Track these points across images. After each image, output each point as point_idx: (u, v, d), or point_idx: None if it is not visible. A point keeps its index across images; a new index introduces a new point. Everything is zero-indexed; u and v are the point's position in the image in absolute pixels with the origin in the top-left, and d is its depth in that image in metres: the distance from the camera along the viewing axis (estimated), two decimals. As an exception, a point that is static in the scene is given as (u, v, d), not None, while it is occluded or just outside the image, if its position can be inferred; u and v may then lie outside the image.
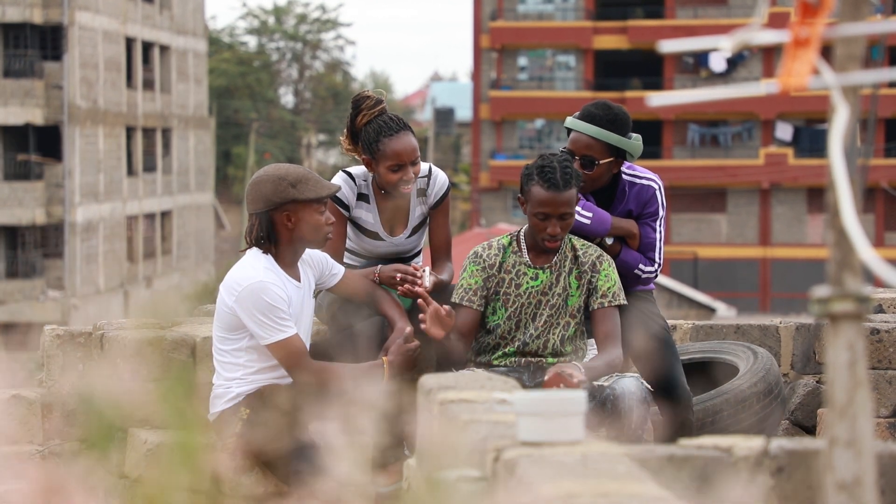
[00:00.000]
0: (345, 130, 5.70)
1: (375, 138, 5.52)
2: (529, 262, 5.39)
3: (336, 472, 5.22)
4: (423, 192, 5.74)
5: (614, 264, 5.43)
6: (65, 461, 5.82)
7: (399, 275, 5.46)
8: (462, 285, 5.41)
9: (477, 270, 5.40)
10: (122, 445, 5.66)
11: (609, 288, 5.35)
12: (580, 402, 3.25)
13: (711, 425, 5.80)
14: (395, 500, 5.22)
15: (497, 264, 5.40)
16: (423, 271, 5.46)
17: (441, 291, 5.60)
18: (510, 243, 5.45)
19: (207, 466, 4.78)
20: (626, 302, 5.40)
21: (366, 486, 5.38)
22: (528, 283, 5.38)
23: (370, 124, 5.55)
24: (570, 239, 5.42)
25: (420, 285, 5.44)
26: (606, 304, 5.35)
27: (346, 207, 5.66)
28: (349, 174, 5.68)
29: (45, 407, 5.90)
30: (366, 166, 5.63)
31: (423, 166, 5.69)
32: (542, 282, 5.37)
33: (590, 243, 5.46)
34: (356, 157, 5.66)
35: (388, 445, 5.42)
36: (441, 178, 5.76)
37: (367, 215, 5.70)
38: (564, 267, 5.38)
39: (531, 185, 5.25)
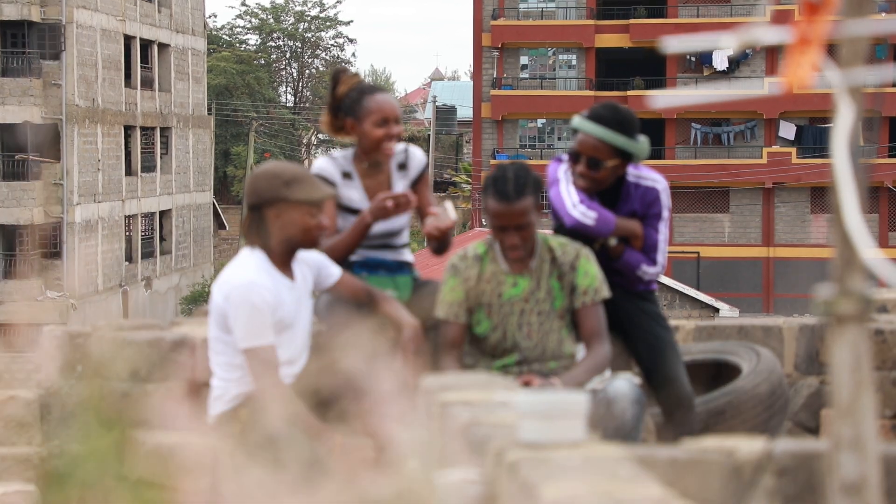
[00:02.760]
0: (324, 108, 5.78)
1: (358, 98, 5.64)
2: (507, 270, 5.34)
3: (337, 470, 5.21)
4: (403, 167, 5.79)
5: (593, 257, 5.37)
6: (64, 462, 5.81)
7: (389, 201, 5.49)
8: (446, 300, 5.36)
9: (458, 283, 5.34)
10: (120, 446, 5.65)
11: (589, 284, 5.29)
12: (582, 403, 3.23)
13: (714, 426, 5.79)
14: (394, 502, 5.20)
15: (475, 276, 5.34)
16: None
17: (434, 291, 5.60)
18: (486, 251, 5.38)
19: (208, 467, 4.77)
20: (608, 294, 5.34)
21: (367, 485, 5.37)
22: (508, 291, 5.32)
23: (352, 90, 5.68)
24: (547, 240, 5.36)
25: (445, 224, 5.51)
26: (589, 302, 5.29)
27: (333, 186, 5.72)
28: (329, 156, 5.80)
29: (43, 408, 5.89)
30: (350, 131, 5.69)
31: (399, 145, 5.77)
32: (522, 288, 5.32)
33: (567, 241, 5.39)
34: (335, 135, 5.76)
35: (388, 445, 5.40)
36: (418, 151, 5.88)
37: (353, 192, 5.73)
38: (544, 270, 5.32)
39: (487, 198, 5.20)
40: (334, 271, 5.47)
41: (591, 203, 5.57)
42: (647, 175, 5.67)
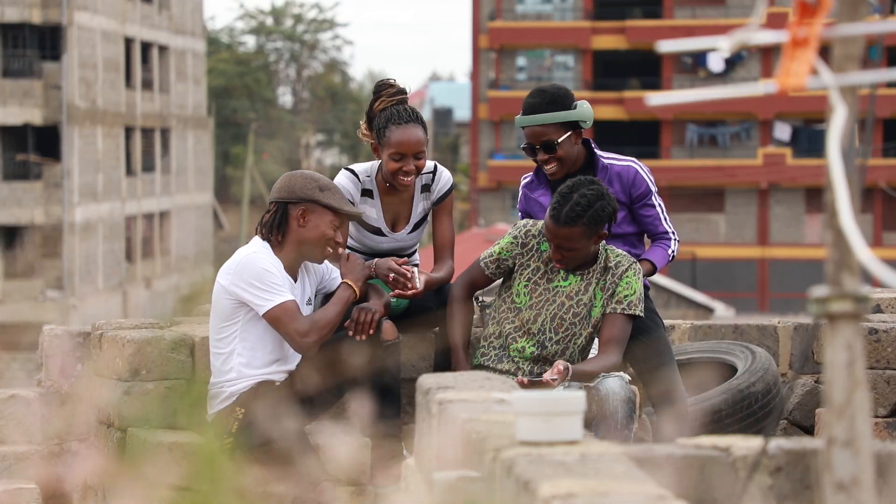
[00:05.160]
0: (365, 115, 5.75)
1: (385, 125, 5.57)
2: None
3: (334, 471, 5.23)
4: (426, 188, 5.77)
5: (640, 275, 5.39)
6: (63, 461, 5.83)
7: (392, 275, 5.47)
8: (493, 249, 5.46)
9: (512, 245, 5.41)
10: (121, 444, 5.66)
11: (626, 296, 5.30)
12: (579, 401, 3.26)
13: (710, 425, 5.81)
14: (393, 501, 5.23)
15: (534, 247, 5.39)
16: (413, 272, 5.48)
17: (437, 290, 5.61)
18: None
19: (206, 467, 4.78)
20: (641, 314, 5.36)
21: (364, 484, 5.39)
22: (559, 281, 5.37)
23: (384, 111, 5.61)
24: (607, 249, 5.40)
25: (412, 287, 5.46)
26: (619, 311, 5.30)
27: (351, 204, 5.68)
28: (352, 171, 5.72)
29: (44, 407, 5.90)
30: (373, 151, 5.68)
31: (429, 164, 5.72)
32: (570, 284, 5.36)
33: (624, 254, 5.42)
34: (370, 141, 5.71)
35: (386, 445, 5.42)
36: (445, 175, 5.80)
37: (371, 210, 5.73)
38: (594, 277, 5.36)
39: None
40: (336, 273, 5.52)
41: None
42: (621, 158, 5.72)
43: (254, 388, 5.22)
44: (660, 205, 5.72)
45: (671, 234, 5.75)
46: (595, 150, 5.68)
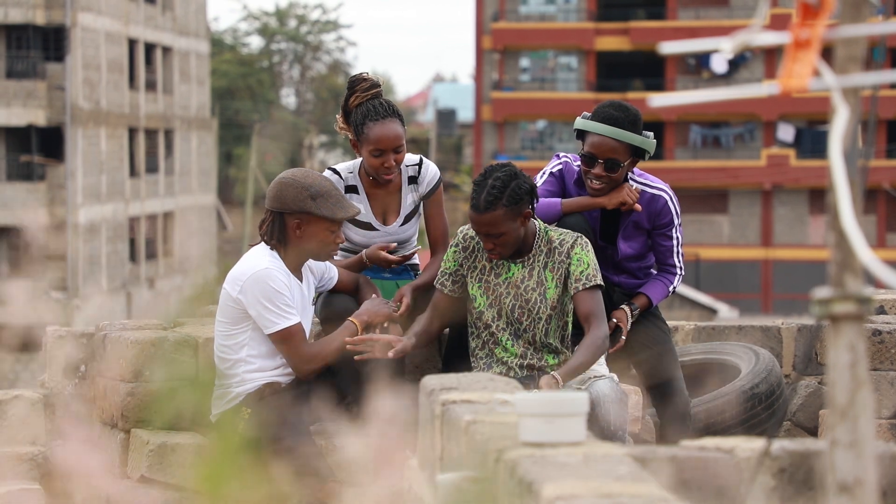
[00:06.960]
0: (340, 109, 5.77)
1: (362, 121, 5.60)
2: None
3: (338, 468, 5.23)
4: (413, 180, 5.79)
5: (589, 247, 5.37)
6: (67, 463, 5.83)
7: (389, 256, 5.61)
8: (442, 267, 5.46)
9: (455, 253, 5.45)
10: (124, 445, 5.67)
11: (582, 271, 5.33)
12: (582, 403, 3.26)
13: (713, 426, 5.81)
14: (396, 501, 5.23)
15: (476, 248, 5.42)
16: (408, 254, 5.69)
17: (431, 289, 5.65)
18: None
19: (211, 467, 4.79)
20: (601, 283, 5.36)
21: (368, 484, 5.39)
22: (506, 274, 5.39)
23: (360, 107, 5.63)
24: (547, 231, 5.41)
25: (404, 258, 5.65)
26: (581, 288, 5.32)
27: (348, 201, 5.70)
28: (334, 170, 5.76)
29: (47, 408, 5.91)
30: (352, 147, 5.71)
31: (413, 157, 5.75)
32: (514, 274, 5.39)
33: (567, 232, 5.41)
34: (349, 135, 5.73)
35: (389, 445, 5.42)
36: (432, 168, 5.83)
37: (359, 206, 5.74)
38: (538, 261, 5.38)
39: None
40: (334, 272, 5.54)
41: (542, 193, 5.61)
42: (654, 183, 5.65)
43: (260, 388, 5.24)
44: (678, 238, 5.67)
45: (677, 270, 5.70)
46: (630, 176, 5.62)
